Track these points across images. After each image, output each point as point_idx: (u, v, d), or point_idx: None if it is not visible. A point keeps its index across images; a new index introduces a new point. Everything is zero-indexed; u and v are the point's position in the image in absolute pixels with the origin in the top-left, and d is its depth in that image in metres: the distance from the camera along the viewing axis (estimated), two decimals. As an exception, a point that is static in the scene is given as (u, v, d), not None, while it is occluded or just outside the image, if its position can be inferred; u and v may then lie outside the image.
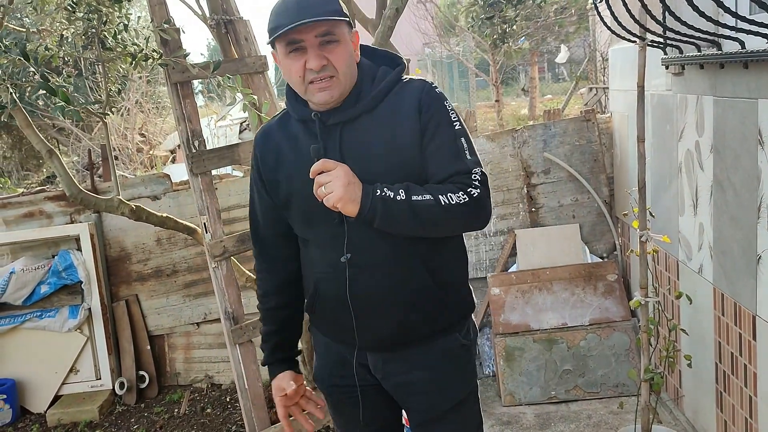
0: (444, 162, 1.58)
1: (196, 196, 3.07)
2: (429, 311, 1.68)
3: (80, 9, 2.38)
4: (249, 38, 3.31)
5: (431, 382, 1.73)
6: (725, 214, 2.46)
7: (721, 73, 2.38)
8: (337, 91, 1.56)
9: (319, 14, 1.49)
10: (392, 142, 1.58)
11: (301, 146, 1.64)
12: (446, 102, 1.62)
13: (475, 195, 1.54)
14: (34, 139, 2.58)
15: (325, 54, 1.53)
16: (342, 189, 1.46)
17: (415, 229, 1.56)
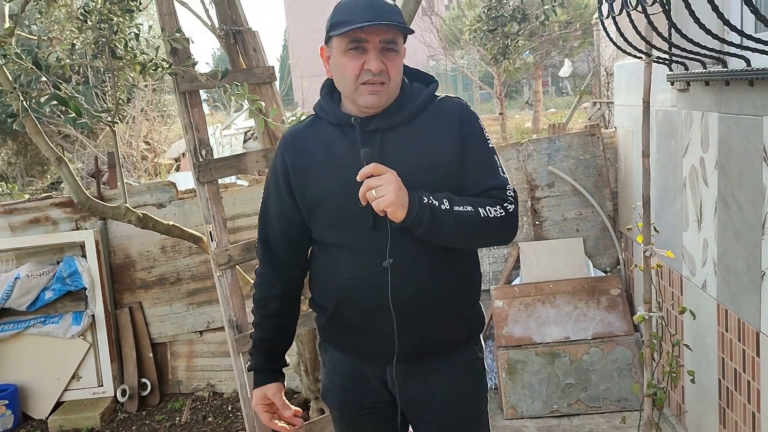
0: (482, 176, 1.63)
1: (202, 204, 3.08)
2: (455, 322, 1.71)
3: (92, 18, 2.40)
4: (257, 49, 3.34)
5: (450, 393, 1.73)
6: (730, 230, 2.47)
7: (726, 90, 2.39)
8: (385, 97, 1.59)
9: (391, 21, 1.53)
10: (431, 153, 1.62)
11: (337, 149, 1.64)
12: (480, 121, 1.69)
13: (510, 210, 1.60)
14: (44, 147, 2.60)
15: (384, 60, 1.56)
16: (394, 193, 1.47)
17: (454, 239, 1.60)
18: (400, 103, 1.65)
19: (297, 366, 3.70)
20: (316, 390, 3.53)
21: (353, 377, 1.78)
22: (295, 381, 4.20)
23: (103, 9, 2.41)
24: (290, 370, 4.17)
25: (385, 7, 1.56)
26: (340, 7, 1.59)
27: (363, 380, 1.76)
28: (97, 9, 2.38)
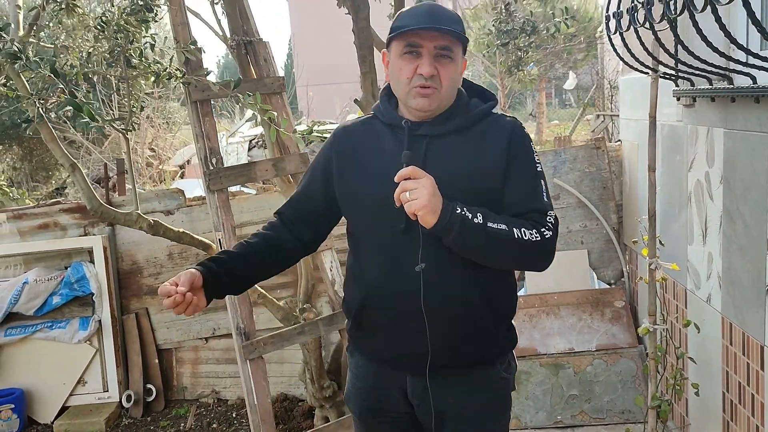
0: (523, 197, 1.63)
1: (212, 212, 3.12)
2: (480, 339, 1.69)
3: (108, 29, 2.45)
4: (268, 59, 3.38)
5: (469, 410, 1.74)
6: (734, 245, 2.50)
7: (732, 106, 2.43)
8: (435, 102, 1.62)
9: (447, 27, 1.57)
10: (476, 167, 1.63)
11: (385, 149, 1.68)
12: (530, 143, 1.69)
13: (547, 236, 1.58)
14: (58, 153, 2.64)
15: (437, 66, 1.59)
16: (427, 198, 1.48)
17: (482, 255, 1.58)
18: (452, 112, 1.67)
19: (302, 374, 3.72)
20: (321, 398, 3.56)
21: (374, 385, 1.80)
22: (299, 389, 4.22)
23: (120, 20, 2.44)
24: (295, 377, 4.21)
25: (444, 15, 1.60)
26: (402, 13, 1.64)
27: (383, 389, 1.78)
28: (115, 20, 2.42)
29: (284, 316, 3.37)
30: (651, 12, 2.31)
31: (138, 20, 2.59)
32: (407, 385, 1.74)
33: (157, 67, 2.82)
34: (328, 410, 3.62)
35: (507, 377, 1.79)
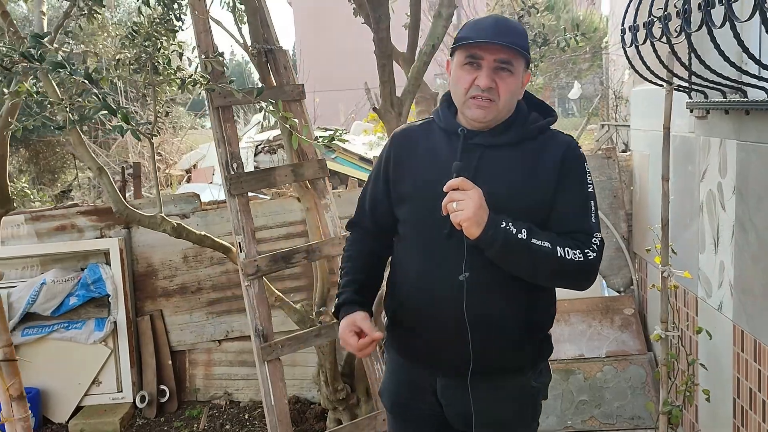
0: (571, 216, 1.65)
1: (232, 216, 3.18)
2: (515, 348, 1.72)
3: (139, 37, 2.52)
4: (288, 67, 3.45)
5: (499, 415, 1.77)
6: (747, 254, 2.56)
7: (746, 119, 2.49)
8: (491, 114, 1.65)
9: (508, 42, 1.60)
10: (527, 181, 1.65)
11: (439, 155, 1.71)
12: (586, 163, 1.70)
13: (590, 258, 1.60)
14: (87, 157, 2.71)
15: (496, 78, 1.63)
16: (473, 210, 1.52)
17: (524, 270, 1.61)
18: (509, 125, 1.70)
19: (316, 376, 3.78)
20: (335, 400, 3.61)
21: (407, 383, 1.85)
22: (311, 392, 4.27)
23: (150, 29, 2.51)
24: (307, 380, 4.26)
25: (508, 29, 1.64)
26: (469, 23, 1.70)
27: (415, 387, 1.83)
28: (145, 29, 2.49)
29: (300, 319, 3.43)
30: (668, 26, 2.38)
31: (166, 29, 2.65)
32: (437, 384, 1.79)
33: (182, 74, 2.89)
34: (341, 413, 3.67)
35: (538, 386, 1.82)
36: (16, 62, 2.15)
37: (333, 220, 3.38)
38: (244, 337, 4.38)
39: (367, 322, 1.73)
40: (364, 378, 3.60)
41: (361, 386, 3.68)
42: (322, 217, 3.41)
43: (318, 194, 3.41)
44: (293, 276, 4.25)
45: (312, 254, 3.31)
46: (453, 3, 3.10)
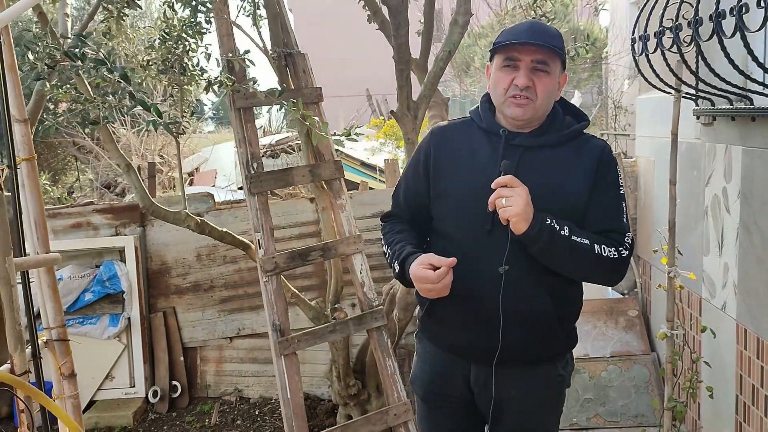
0: (606, 216, 1.74)
1: (252, 214, 3.27)
2: (547, 338, 1.81)
3: (170, 39, 2.62)
4: (306, 71, 3.55)
5: (527, 404, 1.87)
6: (751, 256, 2.67)
7: (751, 125, 2.61)
8: (529, 112, 1.74)
9: (544, 42, 1.70)
10: (565, 181, 1.74)
11: (480, 154, 1.80)
12: (618, 167, 1.80)
13: (624, 255, 1.70)
14: (115, 154, 2.80)
15: (533, 78, 1.72)
16: (522, 207, 1.61)
17: (564, 265, 1.71)
18: (548, 127, 1.79)
19: (329, 372, 3.87)
20: (346, 396, 3.70)
21: (440, 371, 1.94)
22: (321, 389, 4.36)
23: (181, 32, 2.61)
24: (317, 377, 4.35)
25: (543, 31, 1.74)
26: (506, 29, 1.80)
27: (448, 375, 1.92)
28: (176, 31, 2.59)
29: (315, 316, 3.52)
30: (678, 36, 2.49)
31: (195, 31, 2.75)
32: (471, 373, 1.89)
33: (207, 75, 2.99)
34: (352, 408, 3.76)
35: (564, 375, 1.91)
36: (59, 61, 2.25)
37: (348, 219, 3.47)
38: (255, 335, 4.47)
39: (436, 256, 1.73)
40: (375, 374, 3.69)
41: (372, 382, 3.77)
42: (338, 216, 3.50)
43: (334, 194, 3.50)
44: (305, 275, 4.35)
45: (327, 252, 3.40)
46: (469, 11, 3.21)
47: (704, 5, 2.36)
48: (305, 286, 4.31)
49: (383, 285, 3.87)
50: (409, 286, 1.85)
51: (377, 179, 7.01)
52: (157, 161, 10.91)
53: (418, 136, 3.47)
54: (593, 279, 1.79)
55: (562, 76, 1.80)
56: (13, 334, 1.49)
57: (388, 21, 3.40)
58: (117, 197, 8.64)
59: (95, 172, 10.47)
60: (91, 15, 3.33)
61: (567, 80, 1.85)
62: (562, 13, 13.31)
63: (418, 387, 2.02)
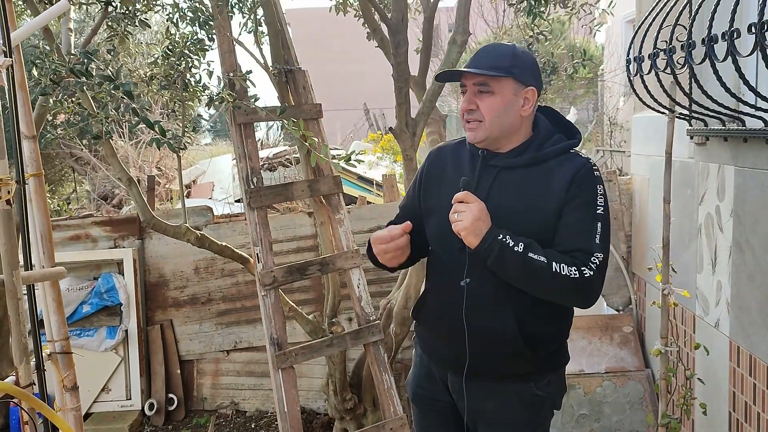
0: (573, 236, 1.71)
1: (251, 228, 3.30)
2: (515, 355, 1.81)
3: (173, 56, 2.66)
4: (306, 87, 3.60)
5: (500, 418, 1.89)
6: (743, 273, 2.71)
7: (743, 146, 2.66)
8: (481, 134, 1.78)
9: (479, 67, 1.75)
10: (535, 202, 1.75)
11: (463, 173, 1.84)
12: (599, 185, 1.75)
13: (586, 275, 1.65)
14: (117, 168, 2.83)
15: (477, 100, 1.76)
16: (470, 221, 1.67)
17: (520, 282, 1.72)
18: (526, 147, 1.81)
19: (325, 386, 3.88)
20: (343, 410, 3.71)
21: (426, 375, 2.02)
22: (317, 402, 4.37)
23: (184, 48, 2.66)
24: (312, 391, 4.36)
25: (487, 53, 1.78)
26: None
27: (433, 380, 2.00)
28: (179, 47, 2.63)
29: (312, 330, 3.55)
30: (672, 58, 2.55)
31: (197, 48, 2.80)
32: (448, 379, 1.95)
33: (209, 91, 3.04)
34: (348, 422, 3.78)
35: (542, 395, 1.88)
36: (64, 77, 2.28)
37: (346, 234, 3.51)
38: (252, 348, 4.48)
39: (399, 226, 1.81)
40: (371, 388, 3.72)
41: (368, 397, 3.79)
42: (336, 231, 3.54)
43: (332, 209, 3.54)
44: (303, 289, 4.37)
45: (326, 267, 3.43)
46: (467, 30, 3.27)
47: (697, 29, 2.42)
48: (303, 300, 4.34)
49: (380, 299, 3.90)
50: (375, 263, 1.92)
51: (374, 193, 7.05)
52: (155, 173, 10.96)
53: (416, 153, 3.52)
54: (557, 298, 1.75)
55: (527, 92, 1.78)
56: (19, 346, 1.52)
57: (388, 39, 3.46)
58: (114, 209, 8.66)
59: (92, 184, 10.50)
60: (95, 30, 3.37)
61: (535, 96, 1.80)
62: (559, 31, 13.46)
63: (409, 389, 2.10)
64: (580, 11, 3.84)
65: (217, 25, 3.20)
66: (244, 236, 4.33)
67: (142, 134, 9.26)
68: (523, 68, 1.78)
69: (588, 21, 3.96)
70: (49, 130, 3.08)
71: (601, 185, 1.75)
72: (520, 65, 1.78)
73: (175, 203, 9.02)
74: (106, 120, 2.66)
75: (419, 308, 1.99)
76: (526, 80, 1.78)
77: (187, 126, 2.99)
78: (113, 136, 2.62)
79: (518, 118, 1.80)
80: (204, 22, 2.95)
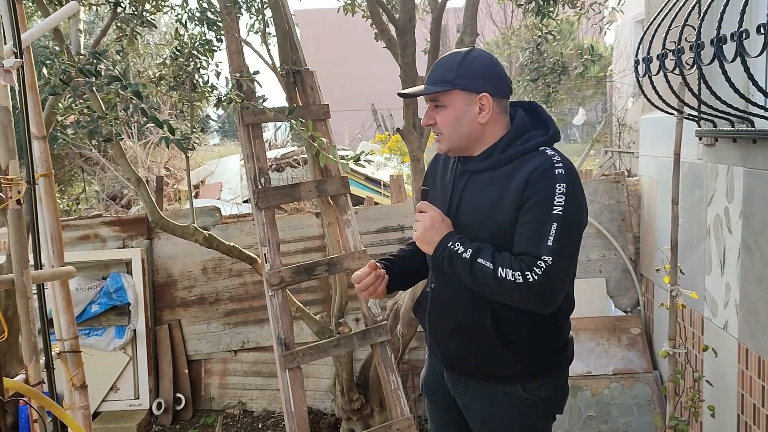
0: (522, 239, 1.67)
1: (258, 228, 3.31)
2: (488, 355, 1.83)
3: (182, 57, 2.67)
4: (314, 87, 3.61)
5: (487, 417, 1.92)
6: (752, 275, 2.70)
7: (752, 147, 2.64)
8: (444, 145, 1.82)
9: (430, 82, 1.79)
10: (495, 205, 1.74)
11: (444, 179, 1.92)
12: (560, 184, 1.66)
13: (530, 280, 1.61)
14: (126, 168, 2.85)
15: (435, 114, 1.80)
16: (421, 231, 1.78)
17: (472, 286, 1.73)
18: (492, 151, 1.80)
19: (332, 386, 3.89)
20: (350, 410, 3.72)
21: (433, 369, 2.09)
22: (324, 403, 4.38)
23: (193, 49, 2.67)
24: (320, 392, 4.37)
25: (436, 68, 1.80)
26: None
27: (435, 373, 2.07)
28: (187, 48, 2.65)
29: (320, 330, 3.55)
30: (681, 59, 2.54)
31: (205, 49, 2.81)
32: (444, 373, 2.03)
33: (218, 92, 3.05)
34: (355, 423, 3.78)
35: (532, 398, 1.84)
36: (73, 77, 2.30)
37: (353, 235, 3.51)
38: (259, 348, 4.50)
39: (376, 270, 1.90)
40: (378, 389, 3.72)
41: (375, 397, 3.79)
42: (343, 231, 3.54)
43: (340, 210, 3.55)
44: (310, 289, 4.38)
45: (333, 267, 3.44)
46: (475, 31, 3.27)
47: (706, 29, 2.41)
48: (310, 301, 4.34)
49: (387, 300, 3.90)
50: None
51: (382, 194, 7.06)
52: (164, 174, 11.00)
53: (423, 153, 3.52)
54: (510, 303, 1.71)
55: (481, 98, 1.75)
56: (29, 345, 1.53)
57: (395, 40, 3.46)
58: (123, 209, 8.70)
59: (101, 184, 10.55)
60: (104, 31, 3.39)
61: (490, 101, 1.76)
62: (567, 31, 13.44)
63: (421, 381, 2.18)
64: (589, 11, 3.83)
65: (225, 26, 3.22)
66: (252, 236, 4.34)
67: (151, 135, 9.31)
68: (471, 76, 1.75)
69: (597, 20, 3.95)
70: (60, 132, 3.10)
71: (562, 183, 1.66)
72: (468, 74, 1.75)
73: (184, 203, 9.06)
74: (115, 121, 2.67)
75: (417, 306, 2.07)
76: (475, 88, 1.75)
77: (195, 126, 3.00)
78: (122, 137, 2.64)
79: (477, 126, 1.78)
80: (212, 23, 2.97)
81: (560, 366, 1.92)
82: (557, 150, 1.79)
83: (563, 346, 1.91)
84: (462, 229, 1.78)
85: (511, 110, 1.85)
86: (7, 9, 1.51)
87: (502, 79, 1.80)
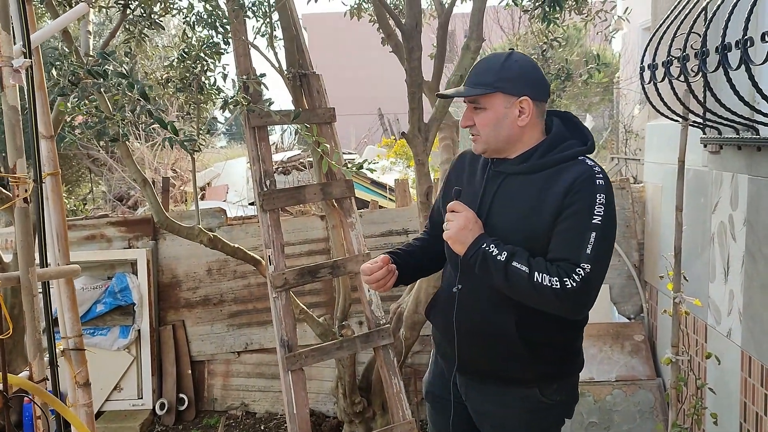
0: (562, 245, 1.68)
1: (263, 230, 3.33)
2: (513, 359, 1.82)
3: (189, 59, 2.69)
4: (320, 91, 3.62)
5: (502, 420, 1.91)
6: (756, 283, 2.69)
7: (757, 155, 2.65)
8: (480, 146, 1.83)
9: (470, 84, 1.80)
10: (532, 209, 1.74)
11: (474, 180, 1.90)
12: (600, 195, 1.68)
13: (568, 286, 1.62)
14: (133, 169, 2.87)
15: (473, 116, 1.81)
16: (455, 231, 1.75)
17: (504, 289, 1.73)
18: (531, 154, 1.80)
19: (335, 389, 3.90)
20: (352, 413, 3.72)
21: (440, 374, 2.06)
22: (326, 405, 4.38)
23: (200, 51, 2.69)
24: (322, 394, 4.37)
25: (476, 71, 1.81)
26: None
27: (445, 379, 2.02)
28: (194, 50, 2.67)
29: (323, 332, 3.56)
30: (686, 66, 2.55)
31: (213, 52, 2.83)
32: (456, 378, 1.99)
33: (224, 95, 3.07)
34: (357, 425, 3.79)
35: (548, 402, 1.86)
36: (82, 78, 2.32)
37: (358, 237, 3.52)
38: (263, 350, 4.51)
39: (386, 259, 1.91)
40: (380, 392, 3.72)
41: (377, 400, 3.80)
42: (347, 234, 3.55)
43: (344, 213, 3.56)
44: (313, 292, 4.39)
45: (336, 270, 3.45)
46: (481, 36, 3.28)
47: (711, 37, 2.41)
48: (313, 303, 4.36)
49: (391, 303, 3.91)
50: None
51: (387, 198, 7.06)
52: (170, 175, 11.03)
53: (428, 158, 3.53)
54: (542, 308, 1.72)
55: (521, 102, 1.77)
56: (33, 342, 1.54)
57: (402, 44, 3.47)
58: (129, 209, 8.74)
59: (108, 185, 10.59)
60: (113, 33, 3.42)
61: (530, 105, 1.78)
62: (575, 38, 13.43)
63: (424, 387, 2.15)
64: (595, 18, 3.84)
65: (232, 28, 3.24)
66: (257, 238, 4.36)
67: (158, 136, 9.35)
68: (512, 80, 1.77)
69: (603, 28, 3.95)
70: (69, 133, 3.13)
71: (602, 194, 1.69)
72: (510, 77, 1.77)
73: (189, 205, 9.08)
74: (122, 122, 2.69)
75: (430, 308, 2.05)
76: (516, 91, 1.77)
77: (201, 128, 3.02)
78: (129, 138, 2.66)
79: (516, 129, 1.79)
80: (220, 25, 2.99)
81: (576, 370, 1.94)
82: (595, 161, 1.81)
83: (578, 350, 1.94)
84: (492, 231, 1.77)
85: (546, 119, 1.87)
86: (17, 10, 1.53)
87: (541, 83, 1.82)
